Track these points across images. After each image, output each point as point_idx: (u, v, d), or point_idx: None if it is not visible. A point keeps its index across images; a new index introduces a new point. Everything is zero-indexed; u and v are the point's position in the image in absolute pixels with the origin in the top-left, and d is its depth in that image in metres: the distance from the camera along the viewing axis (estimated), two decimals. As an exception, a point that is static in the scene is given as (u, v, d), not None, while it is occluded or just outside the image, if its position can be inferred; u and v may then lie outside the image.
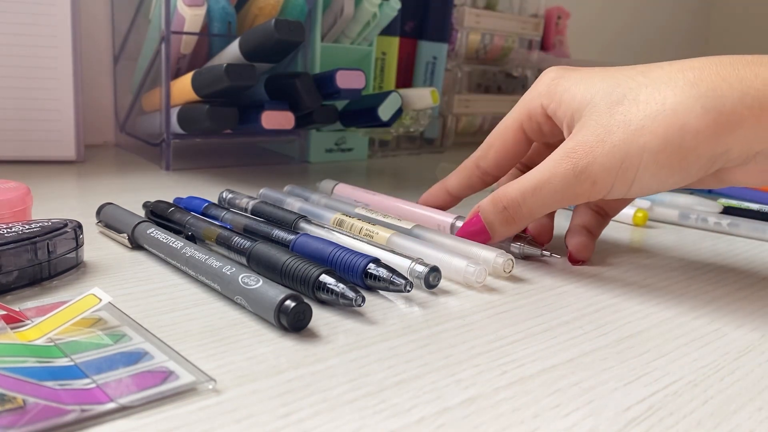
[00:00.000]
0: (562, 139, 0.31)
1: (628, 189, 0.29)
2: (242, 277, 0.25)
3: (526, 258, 0.34)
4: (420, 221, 0.36)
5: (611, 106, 0.28)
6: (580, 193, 0.29)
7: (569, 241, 0.34)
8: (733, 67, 0.27)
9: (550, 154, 0.30)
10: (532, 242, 0.33)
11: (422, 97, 0.52)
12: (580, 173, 0.28)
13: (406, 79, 0.67)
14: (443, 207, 0.38)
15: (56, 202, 0.40)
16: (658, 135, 0.27)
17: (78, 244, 0.28)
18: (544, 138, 0.34)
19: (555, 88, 0.31)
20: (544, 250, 0.33)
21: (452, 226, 0.35)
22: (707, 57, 0.28)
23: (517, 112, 0.34)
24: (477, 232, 0.32)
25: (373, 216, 0.36)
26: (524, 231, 0.35)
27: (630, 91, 0.28)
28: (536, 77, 0.87)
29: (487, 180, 0.36)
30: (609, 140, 0.28)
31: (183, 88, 0.48)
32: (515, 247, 0.33)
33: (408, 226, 0.34)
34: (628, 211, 0.43)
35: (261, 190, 0.41)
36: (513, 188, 0.31)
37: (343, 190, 0.43)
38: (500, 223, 0.31)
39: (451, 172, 0.39)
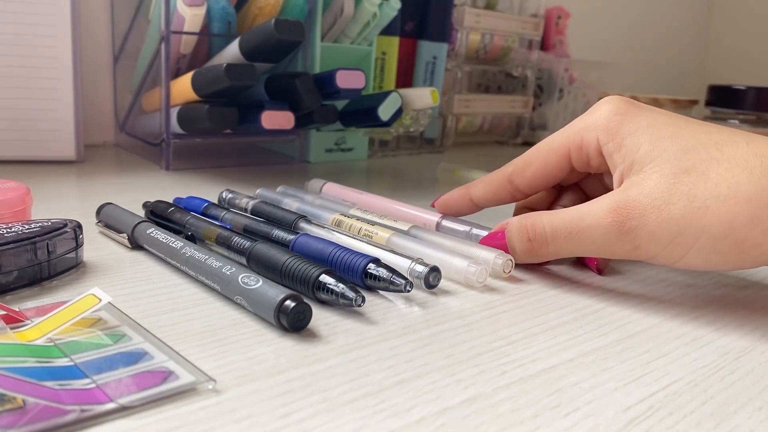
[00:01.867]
0: (607, 173, 0.29)
1: (674, 262, 0.27)
2: (242, 277, 0.25)
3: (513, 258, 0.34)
4: (406, 219, 0.36)
5: (677, 173, 0.26)
6: (619, 252, 0.28)
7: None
8: None
9: (589, 181, 0.28)
10: None
11: (422, 97, 0.52)
12: (624, 233, 0.27)
13: (406, 79, 0.67)
14: (463, 213, 0.37)
15: (56, 202, 0.40)
16: (723, 221, 0.25)
17: (78, 244, 0.28)
18: (589, 169, 0.32)
19: (618, 127, 0.29)
20: None
21: (438, 224, 0.36)
22: None
23: (567, 138, 0.31)
24: (503, 245, 0.31)
25: (369, 217, 0.36)
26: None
27: (701, 162, 0.26)
28: (536, 77, 0.87)
29: (517, 196, 0.34)
30: (666, 210, 0.26)
31: (183, 88, 0.48)
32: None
33: (404, 227, 0.34)
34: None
35: (258, 191, 0.41)
36: (545, 223, 0.29)
37: (331, 189, 0.43)
38: (522, 251, 0.30)
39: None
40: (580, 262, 0.33)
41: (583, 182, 0.35)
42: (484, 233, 0.34)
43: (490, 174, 0.35)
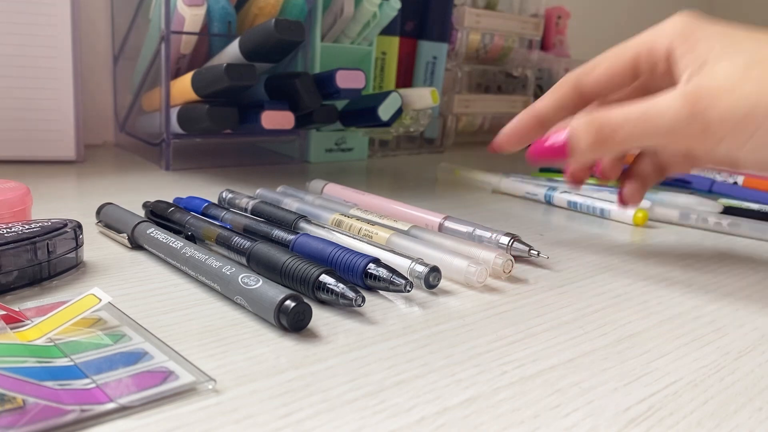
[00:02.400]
0: (670, 84, 0.29)
1: (738, 149, 0.27)
2: (242, 277, 0.25)
3: (514, 258, 0.34)
4: (409, 220, 0.36)
5: (750, 63, 0.27)
6: (687, 135, 0.27)
7: (624, 183, 0.35)
8: None
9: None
10: (520, 241, 0.33)
11: (422, 97, 0.52)
12: (695, 114, 0.27)
13: (406, 79, 0.67)
14: (529, 136, 0.34)
15: (56, 202, 0.40)
16: None
17: (78, 244, 0.28)
18: (652, 78, 0.32)
19: (692, 33, 0.29)
20: (532, 249, 0.33)
21: (440, 225, 0.36)
22: None
23: (638, 43, 0.31)
24: (556, 147, 0.30)
25: (369, 217, 0.36)
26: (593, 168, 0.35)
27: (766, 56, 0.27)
28: (536, 77, 0.87)
29: (579, 104, 0.33)
30: (739, 90, 0.26)
31: (183, 88, 0.48)
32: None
33: (405, 227, 0.34)
34: (627, 212, 0.43)
35: (258, 191, 0.41)
36: (616, 111, 0.29)
37: (333, 189, 0.43)
38: (589, 143, 0.29)
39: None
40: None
41: None
42: (488, 234, 0.34)
43: (554, 85, 0.34)
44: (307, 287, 0.26)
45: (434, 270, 0.28)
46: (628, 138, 0.29)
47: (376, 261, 0.27)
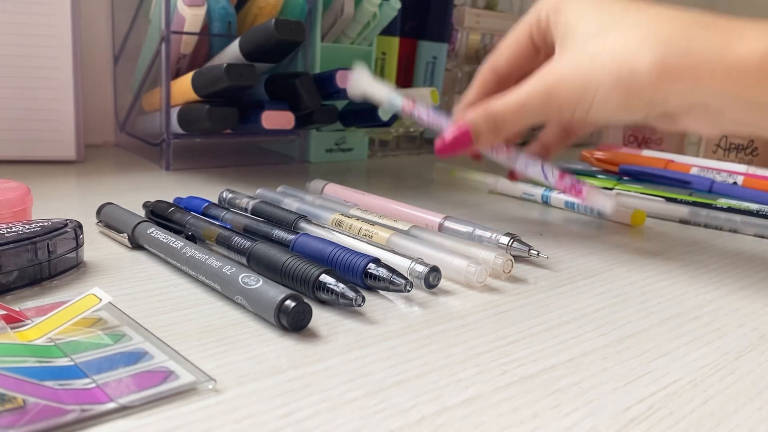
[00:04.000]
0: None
1: (586, 115, 0.32)
2: (242, 277, 0.25)
3: (514, 258, 0.34)
4: (409, 220, 0.36)
5: (587, 39, 0.32)
6: (550, 112, 0.33)
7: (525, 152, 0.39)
8: (688, 26, 0.30)
9: None
10: (520, 241, 0.33)
11: (422, 97, 0.52)
12: (551, 96, 0.32)
13: (406, 79, 0.67)
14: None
15: (56, 202, 0.40)
16: (612, 73, 0.30)
17: (78, 244, 0.28)
18: (547, 48, 0.36)
19: (560, 2, 0.34)
20: (532, 249, 0.33)
21: (440, 225, 0.36)
22: (678, 10, 0.31)
23: (529, 18, 0.36)
24: (460, 137, 0.35)
25: (369, 217, 0.36)
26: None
27: (604, 28, 0.32)
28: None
29: (502, 83, 0.38)
30: (577, 71, 0.32)
31: (183, 88, 0.48)
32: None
33: (404, 227, 0.34)
34: (626, 211, 0.43)
35: (258, 191, 0.41)
36: (499, 103, 0.34)
37: (333, 189, 0.43)
38: (487, 131, 0.35)
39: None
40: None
41: None
42: (488, 234, 0.34)
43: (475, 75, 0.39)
44: (307, 287, 0.26)
45: (434, 270, 0.28)
46: (514, 123, 0.34)
47: (376, 261, 0.27)
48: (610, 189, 0.48)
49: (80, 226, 0.29)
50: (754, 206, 0.43)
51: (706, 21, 0.30)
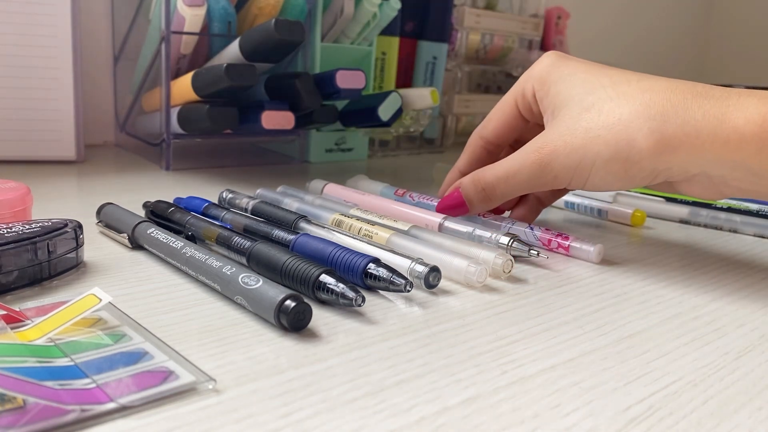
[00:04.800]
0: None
1: (583, 185, 0.33)
2: (242, 277, 0.25)
3: (514, 258, 0.34)
4: (410, 220, 0.36)
5: (581, 111, 0.32)
6: (544, 183, 0.33)
7: (516, 206, 0.40)
8: (684, 96, 0.30)
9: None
10: (520, 241, 0.33)
11: (422, 97, 0.52)
12: (544, 167, 0.33)
13: (406, 79, 0.67)
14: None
15: (56, 202, 0.40)
16: (609, 145, 0.31)
17: (78, 244, 0.28)
18: (534, 118, 0.37)
19: (547, 77, 0.35)
20: (532, 249, 0.33)
21: (440, 225, 0.36)
22: (671, 81, 0.32)
23: (515, 90, 0.37)
24: (456, 205, 0.36)
25: (369, 217, 0.36)
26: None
27: (599, 101, 0.32)
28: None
29: (491, 150, 0.39)
30: (571, 143, 0.32)
31: (183, 88, 0.48)
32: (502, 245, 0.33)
33: (404, 227, 0.34)
34: (626, 212, 0.43)
35: (258, 191, 0.41)
36: (489, 173, 0.35)
37: (333, 189, 0.43)
38: (478, 200, 0.36)
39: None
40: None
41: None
42: (488, 234, 0.34)
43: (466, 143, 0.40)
44: (307, 287, 0.26)
45: (434, 270, 0.28)
46: (506, 194, 0.35)
47: (376, 261, 0.27)
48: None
49: (80, 226, 0.29)
50: (754, 206, 0.43)
51: (701, 90, 0.30)
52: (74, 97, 0.51)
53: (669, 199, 0.46)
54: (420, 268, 0.28)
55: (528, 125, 0.38)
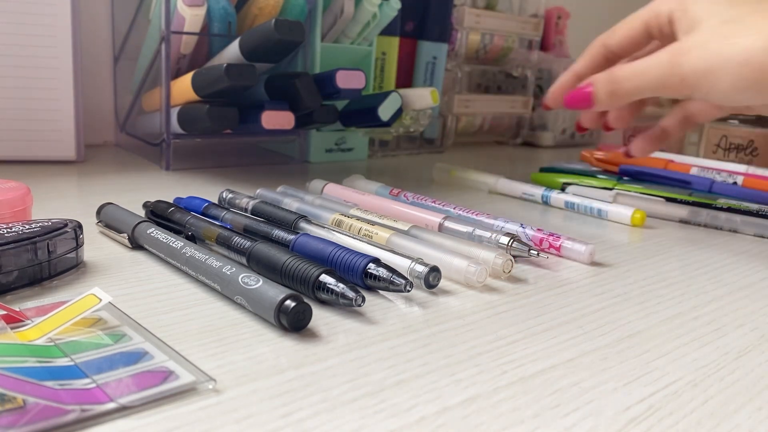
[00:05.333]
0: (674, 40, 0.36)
1: (708, 91, 0.33)
2: (242, 277, 0.25)
3: (514, 258, 0.34)
4: (410, 220, 0.36)
5: (721, 23, 0.33)
6: (672, 85, 0.34)
7: (641, 134, 0.43)
8: None
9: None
10: (520, 241, 0.33)
11: (422, 97, 0.52)
12: (674, 66, 0.33)
13: (406, 79, 0.67)
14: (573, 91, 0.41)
15: (56, 202, 0.40)
16: (746, 51, 0.31)
17: (78, 244, 0.28)
18: (663, 38, 0.38)
19: (686, 1, 0.36)
20: (532, 249, 0.33)
21: (440, 225, 0.36)
22: None
23: (647, 10, 0.39)
24: (583, 97, 0.38)
25: (369, 217, 0.36)
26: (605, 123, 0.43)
27: (741, 14, 0.33)
28: (536, 77, 0.87)
29: (611, 58, 0.41)
30: (705, 46, 0.33)
31: (183, 88, 0.48)
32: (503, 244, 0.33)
33: (404, 227, 0.34)
34: (626, 212, 0.43)
35: (258, 191, 0.41)
36: (624, 69, 0.36)
37: (333, 189, 0.43)
38: (605, 93, 0.37)
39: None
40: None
41: None
42: (487, 234, 0.34)
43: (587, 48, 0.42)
44: (307, 287, 0.26)
45: (434, 270, 0.28)
46: (633, 89, 0.36)
47: (376, 261, 0.27)
48: (611, 189, 0.48)
49: (80, 226, 0.29)
50: (754, 206, 0.43)
51: None
52: (74, 97, 0.51)
53: (669, 199, 0.46)
54: (420, 268, 0.28)
55: (651, 45, 0.39)
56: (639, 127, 0.74)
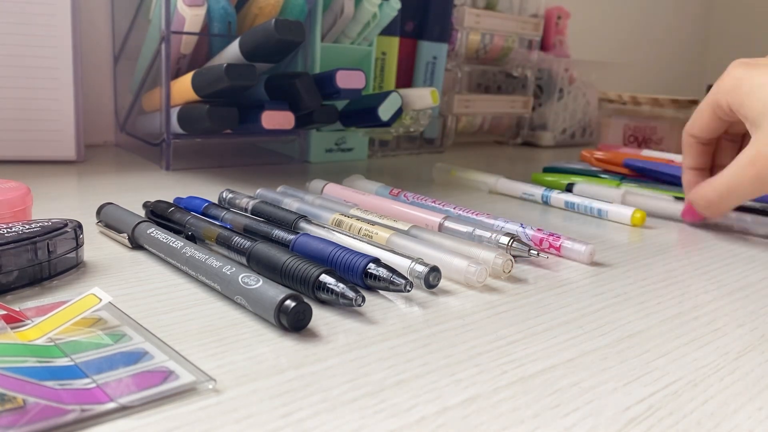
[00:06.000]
0: (741, 121, 0.38)
1: None
2: (242, 277, 0.25)
3: (514, 258, 0.34)
4: (410, 220, 0.36)
5: None
6: (759, 191, 0.36)
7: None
8: None
9: (730, 146, 0.41)
10: (520, 241, 0.33)
11: (422, 97, 0.52)
12: (763, 179, 0.35)
13: (406, 79, 0.67)
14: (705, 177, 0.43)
15: (56, 202, 0.40)
16: None
17: (78, 244, 0.28)
18: (732, 118, 0.39)
19: (738, 89, 0.37)
20: (532, 249, 0.33)
21: (440, 225, 0.36)
22: None
23: (709, 101, 0.40)
24: (694, 215, 0.43)
25: (369, 217, 0.36)
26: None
27: None
28: (536, 77, 0.88)
29: (705, 143, 0.42)
30: None
31: (183, 88, 0.48)
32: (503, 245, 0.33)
33: (404, 227, 0.34)
34: (626, 212, 0.43)
35: (258, 191, 0.41)
36: (711, 191, 0.39)
37: (333, 189, 0.43)
38: (710, 213, 0.40)
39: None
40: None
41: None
42: (487, 234, 0.34)
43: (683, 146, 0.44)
44: (307, 287, 0.26)
45: (434, 270, 0.28)
46: (730, 206, 0.39)
47: (376, 261, 0.27)
48: (618, 188, 0.48)
49: (80, 226, 0.29)
50: (756, 205, 0.43)
51: None
52: (74, 97, 0.51)
53: (678, 198, 0.46)
54: (420, 268, 0.28)
55: (732, 122, 0.40)
56: (639, 126, 0.75)
